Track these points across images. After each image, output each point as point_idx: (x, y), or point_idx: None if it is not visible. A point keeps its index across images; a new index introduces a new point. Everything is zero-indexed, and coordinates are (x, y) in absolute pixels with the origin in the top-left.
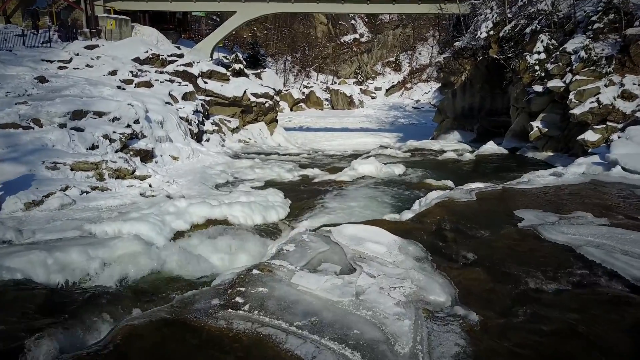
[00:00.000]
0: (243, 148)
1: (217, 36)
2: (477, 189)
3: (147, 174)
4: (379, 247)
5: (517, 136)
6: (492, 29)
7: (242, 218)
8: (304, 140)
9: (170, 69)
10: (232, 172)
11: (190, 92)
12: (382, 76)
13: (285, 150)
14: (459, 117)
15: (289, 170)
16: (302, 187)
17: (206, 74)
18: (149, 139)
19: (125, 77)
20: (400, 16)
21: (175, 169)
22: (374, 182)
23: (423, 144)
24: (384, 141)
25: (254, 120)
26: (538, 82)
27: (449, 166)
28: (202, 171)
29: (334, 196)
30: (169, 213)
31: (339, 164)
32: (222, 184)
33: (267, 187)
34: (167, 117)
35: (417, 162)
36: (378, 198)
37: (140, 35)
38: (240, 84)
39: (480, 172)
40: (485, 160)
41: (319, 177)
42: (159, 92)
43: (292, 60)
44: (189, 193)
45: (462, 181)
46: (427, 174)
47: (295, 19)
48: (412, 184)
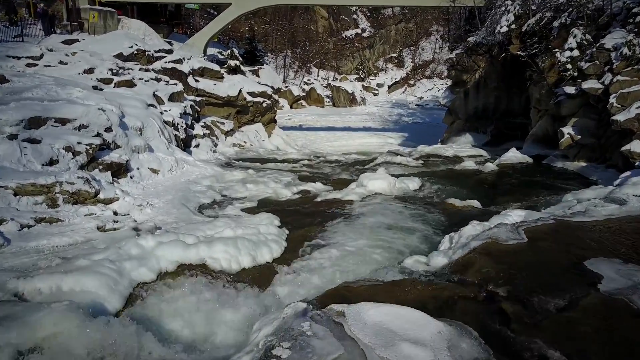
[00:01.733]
0: (238, 153)
1: (211, 30)
2: (523, 223)
3: (113, 197)
4: (419, 350)
5: (539, 141)
6: (513, 23)
7: (224, 261)
8: (305, 141)
9: (158, 66)
10: (220, 188)
11: (178, 92)
12: (384, 72)
13: (283, 154)
14: (471, 118)
15: (286, 185)
16: (302, 209)
17: (198, 71)
18: (123, 150)
19: (103, 75)
20: (402, 10)
21: (154, 184)
22: (386, 202)
23: (435, 149)
24: (389, 141)
25: (251, 122)
26: (569, 83)
27: (470, 179)
28: (186, 187)
29: (340, 225)
30: (130, 257)
31: (344, 174)
32: (208, 204)
33: (261, 208)
34: (147, 122)
35: (432, 174)
36: (395, 227)
37: (126, 29)
38: (236, 83)
39: (509, 189)
40: (509, 171)
41: (322, 194)
42: (142, 92)
43: (292, 56)
44: (164, 220)
45: (489, 200)
46: (447, 189)
47: (296, 13)
48: (431, 204)
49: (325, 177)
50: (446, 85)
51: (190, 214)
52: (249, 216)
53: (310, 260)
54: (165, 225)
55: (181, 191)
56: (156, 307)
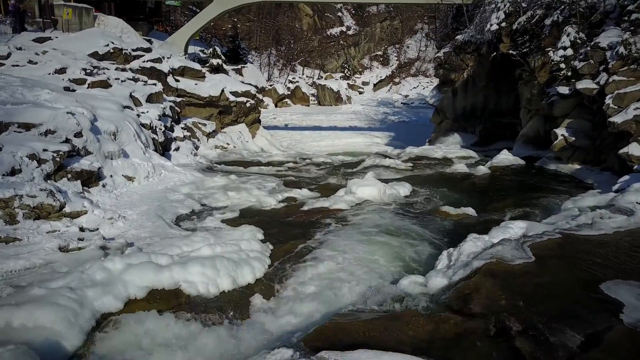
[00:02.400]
0: (220, 155)
1: (192, 28)
2: (528, 238)
3: (81, 210)
4: None
5: (530, 142)
6: (504, 21)
7: (201, 285)
8: (290, 141)
9: (135, 65)
10: (200, 197)
11: (156, 92)
12: (369, 70)
13: (268, 156)
14: (459, 118)
15: (271, 192)
16: (288, 220)
17: (178, 70)
18: (95, 156)
19: (76, 75)
20: (387, 8)
21: (128, 193)
22: (376, 210)
23: (424, 150)
24: (375, 141)
25: (234, 122)
26: (563, 83)
27: (462, 183)
28: (163, 196)
29: (329, 237)
30: (94, 283)
31: (331, 178)
32: (186, 215)
33: (243, 218)
34: (122, 125)
35: (422, 178)
36: (387, 240)
37: (103, 26)
38: (218, 82)
39: (503, 194)
40: (502, 174)
41: (309, 202)
42: (117, 93)
43: (276, 54)
44: (137, 234)
45: (483, 207)
46: (439, 195)
47: (280, 11)
48: (424, 213)
49: (311, 181)
50: (431, 83)
51: (166, 227)
52: (229, 229)
53: (296, 280)
54: (138, 241)
55: (157, 200)
56: (120, 343)
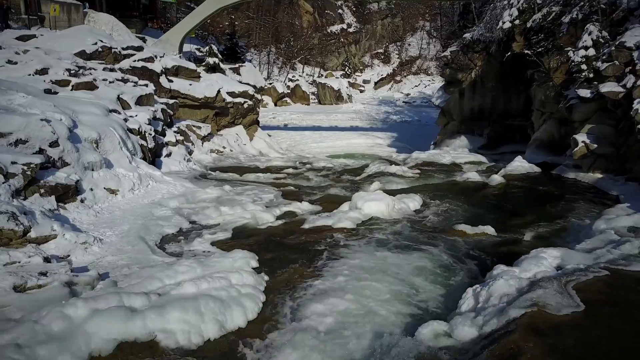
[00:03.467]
0: (215, 160)
1: (187, 25)
2: (572, 278)
3: (49, 234)
4: None
5: (544, 147)
6: (517, 18)
7: (182, 334)
8: (289, 142)
9: (126, 64)
10: (189, 212)
11: (147, 94)
12: (370, 68)
13: (266, 160)
14: (466, 120)
15: (268, 206)
16: (286, 241)
17: (171, 70)
18: (73, 168)
19: (59, 76)
20: (388, 5)
21: (110, 208)
22: (385, 229)
23: (431, 156)
24: (377, 142)
25: (231, 124)
26: (583, 85)
27: (476, 195)
28: (148, 212)
29: (333, 266)
30: (50, 337)
31: (333, 188)
32: (172, 235)
33: (236, 239)
34: (106, 132)
35: (432, 188)
36: (398, 270)
37: (93, 23)
38: (214, 82)
39: (523, 208)
40: (518, 183)
41: (310, 219)
42: (104, 95)
43: (276, 52)
44: (114, 262)
45: (503, 224)
46: (452, 209)
47: (279, 8)
48: (438, 232)
49: (312, 191)
50: (433, 81)
51: (148, 251)
52: (219, 254)
53: (294, 326)
54: (114, 271)
55: (142, 217)
56: None
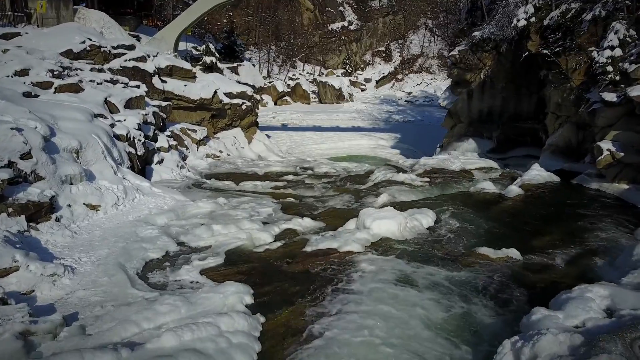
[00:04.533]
0: (211, 166)
1: (183, 22)
2: (637, 335)
3: (10, 266)
4: None
5: (560, 152)
6: (533, 15)
7: None
8: (290, 144)
9: (116, 64)
10: (178, 231)
11: (138, 96)
12: (371, 67)
13: (265, 165)
14: (474, 122)
15: (266, 223)
16: (285, 269)
17: (165, 70)
18: (48, 182)
19: (40, 78)
20: (390, 3)
21: (89, 227)
22: (398, 254)
23: (440, 162)
24: (380, 143)
25: (228, 126)
26: (608, 88)
27: (494, 209)
28: (132, 232)
29: (340, 301)
30: None
31: (337, 197)
32: (156, 262)
33: (228, 266)
34: (88, 140)
35: (445, 200)
36: (415, 309)
37: (83, 20)
38: (210, 83)
39: (546, 224)
40: (537, 195)
41: (313, 240)
42: (90, 98)
43: (276, 50)
44: (86, 298)
45: (527, 243)
46: (469, 227)
47: (280, 5)
48: (457, 256)
49: (314, 203)
50: (435, 80)
51: (127, 283)
52: (209, 288)
53: None
54: (85, 311)
55: (124, 239)
56: None
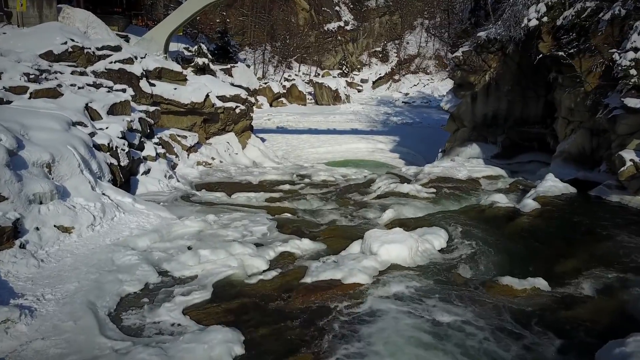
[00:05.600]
0: (203, 174)
1: (173, 22)
2: None
3: None
4: None
5: (572, 160)
6: (545, 15)
7: None
8: (286, 147)
9: (101, 67)
10: (161, 256)
11: (122, 101)
12: (368, 67)
13: (260, 173)
14: (479, 126)
15: (260, 244)
16: (282, 308)
17: (154, 72)
18: (11, 203)
19: (14, 82)
20: (387, 3)
21: (59, 254)
22: (411, 286)
23: (445, 170)
24: (379, 147)
25: (221, 131)
26: (631, 93)
27: (510, 226)
28: (107, 259)
29: (346, 351)
30: None
31: (338, 211)
32: (133, 298)
33: (216, 303)
34: (62, 152)
35: (455, 217)
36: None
37: (67, 20)
38: (202, 86)
39: (571, 245)
40: (555, 210)
41: (313, 268)
42: (69, 104)
43: (271, 50)
44: (43, 350)
45: (553, 268)
46: (485, 250)
47: (275, 5)
48: (477, 287)
49: (313, 219)
50: (432, 81)
51: (96, 330)
52: (192, 334)
53: None
54: None
55: (97, 268)
56: None
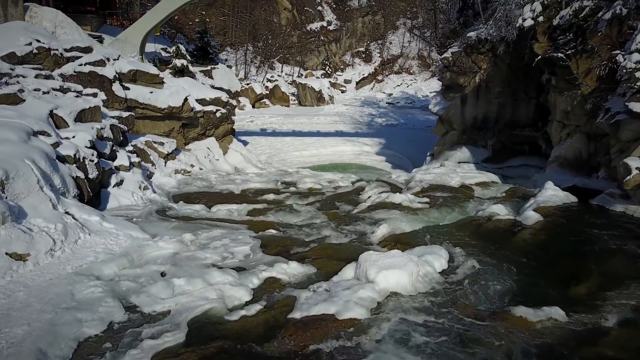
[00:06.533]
0: (181, 184)
1: (149, 22)
2: None
3: None
4: None
5: (569, 166)
6: (541, 14)
7: None
8: (269, 151)
9: (69, 70)
10: (129, 286)
11: (92, 107)
12: (351, 67)
13: (242, 181)
14: (468, 129)
15: (242, 268)
16: (268, 352)
17: (128, 75)
18: None
19: None
20: (369, 2)
21: (9, 289)
22: (415, 321)
23: (437, 177)
24: (365, 150)
25: (201, 136)
26: (636, 97)
27: (513, 243)
28: (66, 293)
29: None
30: None
31: (328, 226)
32: (94, 340)
33: (191, 349)
34: (18, 167)
35: (453, 232)
36: None
37: (34, 19)
38: (180, 89)
39: (583, 265)
40: (559, 222)
41: (302, 299)
42: (31, 111)
43: (253, 51)
44: None
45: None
46: (489, 270)
47: (257, 4)
48: (487, 317)
49: (300, 236)
50: (415, 81)
51: None
52: None
53: None
54: None
55: (53, 305)
56: None
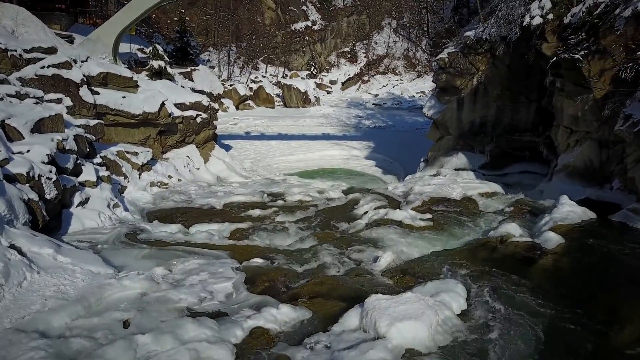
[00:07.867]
0: (157, 198)
1: (122, 20)
2: None
3: None
4: None
5: (578, 175)
6: (550, 12)
7: None
8: (254, 156)
9: (29, 73)
10: (80, 347)
11: (53, 116)
12: (337, 68)
13: (225, 193)
14: (465, 134)
15: (221, 317)
16: None
17: (97, 78)
18: None
19: None
20: (354, 2)
21: None
22: None
23: (438, 188)
24: (354, 154)
25: (180, 143)
26: None
27: (535, 273)
28: (4, 356)
29: None
30: None
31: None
32: None
33: None
34: None
35: (466, 259)
36: None
37: None
38: (156, 93)
39: (620, 302)
40: (582, 246)
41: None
42: None
43: (237, 51)
44: None
45: (609, 347)
46: (513, 310)
47: (240, 3)
48: None
49: (290, 266)
50: (401, 81)
51: None
52: None
53: None
54: None
55: None
56: None
